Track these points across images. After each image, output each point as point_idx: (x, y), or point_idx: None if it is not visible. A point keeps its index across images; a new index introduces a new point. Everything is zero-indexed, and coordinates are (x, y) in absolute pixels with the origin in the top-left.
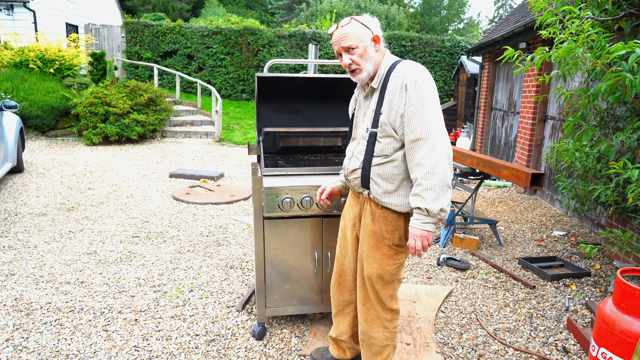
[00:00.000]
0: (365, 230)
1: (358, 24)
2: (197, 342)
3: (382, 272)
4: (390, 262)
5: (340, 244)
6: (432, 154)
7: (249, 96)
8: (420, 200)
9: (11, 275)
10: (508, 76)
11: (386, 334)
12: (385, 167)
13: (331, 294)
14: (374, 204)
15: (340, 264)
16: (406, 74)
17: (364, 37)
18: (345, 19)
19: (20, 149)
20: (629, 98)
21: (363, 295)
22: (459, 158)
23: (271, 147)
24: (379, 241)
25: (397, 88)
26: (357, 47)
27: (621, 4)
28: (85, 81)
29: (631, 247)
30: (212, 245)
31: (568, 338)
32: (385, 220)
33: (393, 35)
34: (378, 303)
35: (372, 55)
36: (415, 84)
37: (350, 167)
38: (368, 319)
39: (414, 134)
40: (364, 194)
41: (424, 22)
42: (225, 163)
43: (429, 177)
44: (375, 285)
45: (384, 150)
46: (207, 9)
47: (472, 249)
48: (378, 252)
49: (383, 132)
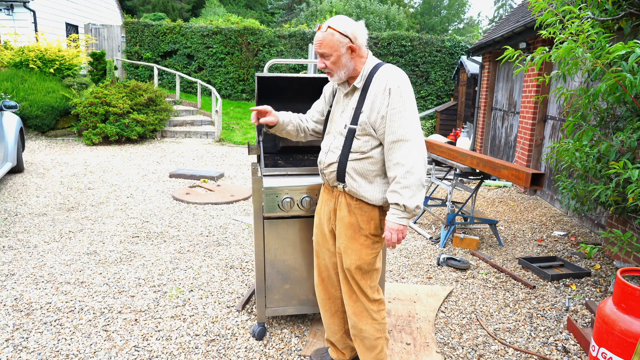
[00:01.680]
0: (342, 223)
1: (335, 33)
2: (197, 342)
3: (361, 263)
4: (368, 251)
5: (317, 240)
6: (411, 155)
7: (249, 96)
8: (398, 197)
9: (11, 275)
10: (508, 76)
11: (376, 325)
12: (362, 163)
13: (316, 292)
14: (349, 197)
15: (320, 259)
16: (390, 79)
17: (338, 46)
18: (324, 25)
19: (20, 149)
20: (629, 98)
21: (347, 288)
22: (459, 158)
23: (271, 147)
24: (356, 232)
25: (379, 90)
26: (330, 55)
27: (621, 4)
28: (85, 81)
29: (631, 247)
30: (212, 245)
31: (568, 338)
32: (361, 211)
33: (393, 35)
34: (362, 294)
35: (345, 63)
36: (398, 89)
37: (327, 161)
38: (356, 311)
39: (395, 135)
40: (339, 187)
41: (424, 22)
42: (225, 163)
43: (407, 177)
44: (355, 277)
45: (362, 147)
46: (207, 9)
47: (472, 249)
48: (356, 242)
49: (362, 130)
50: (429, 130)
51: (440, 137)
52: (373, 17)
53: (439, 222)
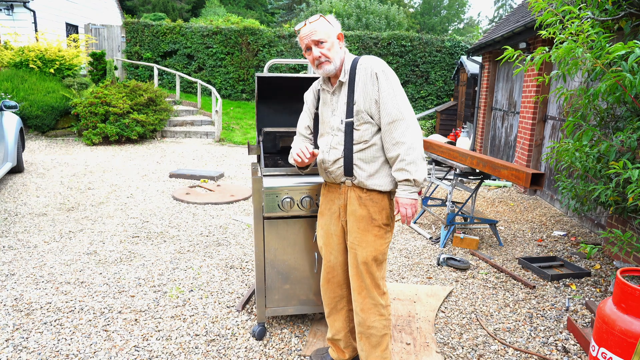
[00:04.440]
0: (354, 217)
1: (325, 21)
2: (197, 342)
3: (377, 253)
4: (382, 242)
5: (324, 242)
6: (409, 132)
7: (249, 96)
8: (407, 173)
9: (11, 275)
10: (508, 76)
11: (383, 321)
12: (367, 152)
13: (322, 293)
14: (359, 189)
15: (327, 261)
16: (373, 65)
17: (331, 33)
18: (314, 16)
19: (20, 149)
20: (629, 98)
21: (358, 284)
22: (459, 158)
23: (271, 147)
24: (369, 223)
25: (367, 78)
26: (326, 42)
27: (621, 4)
28: (85, 81)
29: (631, 247)
30: (212, 245)
31: (568, 338)
32: (372, 202)
33: (393, 35)
34: (374, 287)
35: (338, 51)
36: (383, 73)
37: (331, 158)
38: (365, 308)
39: (390, 116)
40: (347, 182)
41: (424, 22)
42: (225, 163)
43: (410, 152)
44: (370, 269)
45: (363, 136)
46: (207, 9)
47: (472, 249)
48: (369, 234)
49: (360, 119)
50: (429, 130)
51: (440, 137)
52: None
53: (439, 222)
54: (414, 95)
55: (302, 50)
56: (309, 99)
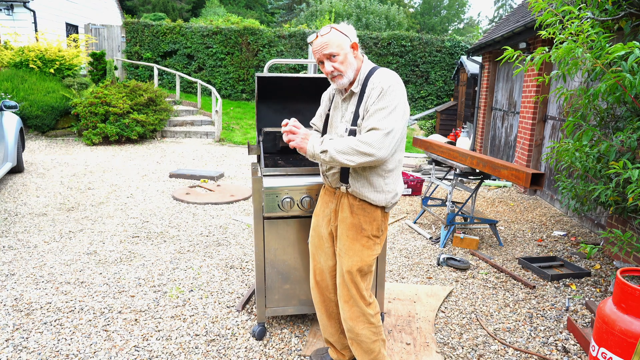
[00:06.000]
0: (344, 224)
1: (338, 32)
2: (197, 342)
3: (362, 264)
4: (369, 252)
5: (314, 243)
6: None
7: (249, 96)
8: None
9: (11, 275)
10: (508, 76)
11: (372, 329)
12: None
13: (312, 295)
14: (352, 197)
15: (316, 262)
16: (382, 80)
17: (344, 44)
18: (325, 28)
19: (20, 149)
20: (629, 98)
21: (344, 292)
22: (459, 158)
23: (271, 147)
24: (358, 232)
25: (375, 94)
26: (338, 55)
27: (621, 4)
28: (85, 81)
29: (631, 247)
30: (212, 245)
31: (568, 338)
32: (363, 211)
33: (393, 35)
34: (360, 298)
35: (351, 62)
36: (389, 88)
37: None
38: (353, 316)
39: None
40: (342, 188)
41: (424, 22)
42: (225, 163)
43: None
44: (355, 279)
45: None
46: (207, 9)
47: (472, 249)
48: (357, 243)
49: (362, 131)
50: (429, 130)
51: (440, 137)
52: (373, 17)
53: (439, 222)
54: (414, 95)
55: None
56: (324, 100)
